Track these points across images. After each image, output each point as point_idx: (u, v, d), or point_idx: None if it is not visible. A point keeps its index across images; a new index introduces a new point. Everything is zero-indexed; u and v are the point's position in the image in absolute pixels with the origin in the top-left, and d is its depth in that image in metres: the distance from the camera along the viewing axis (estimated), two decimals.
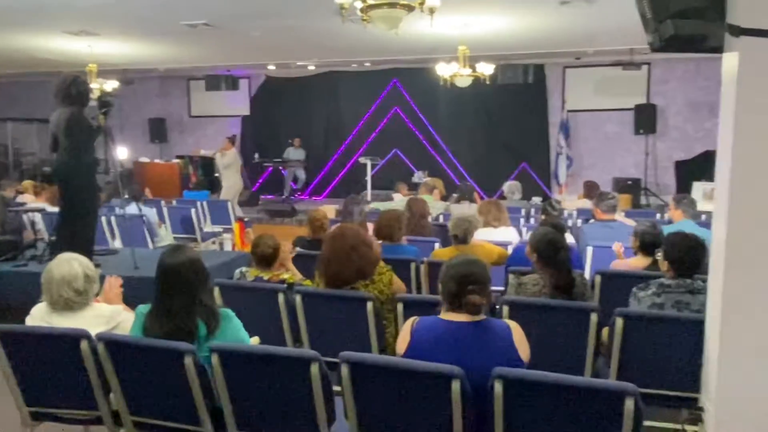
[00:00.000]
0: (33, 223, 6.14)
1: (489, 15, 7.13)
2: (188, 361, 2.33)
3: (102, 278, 3.11)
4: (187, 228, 7.79)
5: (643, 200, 11.07)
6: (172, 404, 2.48)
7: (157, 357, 2.41)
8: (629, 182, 11.06)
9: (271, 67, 12.42)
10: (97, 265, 4.75)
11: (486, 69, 8.11)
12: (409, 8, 4.55)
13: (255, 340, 2.94)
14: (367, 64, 11.89)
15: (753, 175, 2.28)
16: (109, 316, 2.65)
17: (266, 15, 7.19)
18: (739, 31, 2.33)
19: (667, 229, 3.78)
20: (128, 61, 10.75)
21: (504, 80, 9.94)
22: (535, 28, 7.92)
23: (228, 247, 8.35)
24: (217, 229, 8.42)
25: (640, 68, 10.25)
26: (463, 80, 8.30)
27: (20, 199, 7.76)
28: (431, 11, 4.59)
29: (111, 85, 10.26)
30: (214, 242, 8.21)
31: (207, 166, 12.21)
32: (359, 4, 4.52)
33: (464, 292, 2.22)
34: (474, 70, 8.29)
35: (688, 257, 2.88)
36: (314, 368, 2.24)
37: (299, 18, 7.29)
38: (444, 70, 8.26)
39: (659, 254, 3.05)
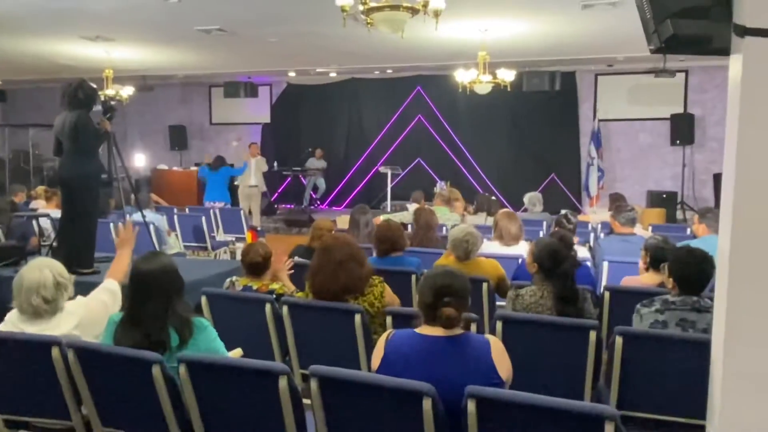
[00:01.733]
0: (41, 229, 6.26)
1: (508, 20, 7.08)
2: (156, 371, 2.33)
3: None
4: (198, 236, 7.87)
5: (679, 215, 10.82)
6: (142, 415, 2.49)
7: (127, 366, 2.42)
8: (664, 196, 10.84)
9: (292, 74, 12.53)
10: (97, 272, 4.87)
11: (507, 75, 8.04)
12: (413, 11, 4.53)
13: (238, 352, 2.93)
14: (390, 71, 11.90)
15: (757, 187, 2.18)
16: (76, 313, 2.68)
17: (279, 21, 7.27)
18: (743, 31, 2.24)
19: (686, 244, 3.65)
20: (146, 67, 10.98)
21: (530, 87, 9.81)
22: (558, 33, 7.83)
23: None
24: (230, 237, 8.49)
25: (674, 75, 10.04)
26: (483, 87, 8.24)
27: (33, 204, 7.95)
28: (436, 14, 4.55)
29: (127, 91, 10.48)
30: (225, 251, 8.28)
31: None
32: (361, 7, 4.52)
33: (440, 304, 2.18)
34: (494, 77, 8.21)
35: (693, 274, 2.77)
36: (283, 382, 2.22)
37: (313, 24, 7.35)
38: (463, 76, 8.21)
39: (664, 270, 2.95)
